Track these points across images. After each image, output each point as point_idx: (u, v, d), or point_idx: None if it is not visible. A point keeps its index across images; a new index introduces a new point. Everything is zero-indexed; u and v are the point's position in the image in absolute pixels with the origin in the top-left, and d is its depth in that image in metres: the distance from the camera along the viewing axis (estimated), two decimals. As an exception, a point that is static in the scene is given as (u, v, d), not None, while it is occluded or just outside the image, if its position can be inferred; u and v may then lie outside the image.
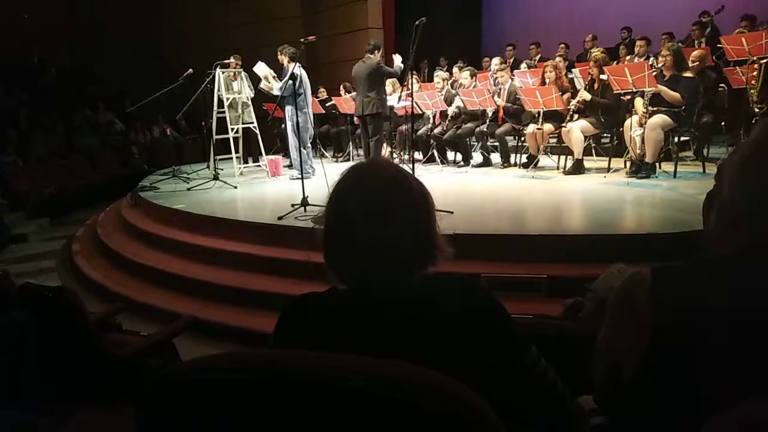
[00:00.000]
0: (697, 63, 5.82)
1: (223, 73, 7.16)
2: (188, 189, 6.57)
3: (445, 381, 0.77)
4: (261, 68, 7.09)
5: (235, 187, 6.51)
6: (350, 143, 8.70)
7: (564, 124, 6.05)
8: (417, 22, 4.64)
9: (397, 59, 6.62)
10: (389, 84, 7.40)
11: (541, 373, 1.03)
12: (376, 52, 6.59)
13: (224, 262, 4.37)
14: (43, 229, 7.50)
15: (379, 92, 6.55)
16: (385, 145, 7.26)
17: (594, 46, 8.86)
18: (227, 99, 7.21)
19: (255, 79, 7.39)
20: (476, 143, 7.50)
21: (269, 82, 7.01)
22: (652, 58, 6.67)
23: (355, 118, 8.24)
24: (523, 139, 6.95)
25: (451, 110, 7.26)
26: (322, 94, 9.24)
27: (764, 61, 5.50)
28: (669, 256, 3.10)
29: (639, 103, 5.50)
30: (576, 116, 6.05)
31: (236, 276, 4.17)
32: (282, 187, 6.41)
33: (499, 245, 3.79)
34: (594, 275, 1.69)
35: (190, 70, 7.08)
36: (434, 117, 7.67)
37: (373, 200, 1.01)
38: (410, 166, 4.84)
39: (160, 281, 4.43)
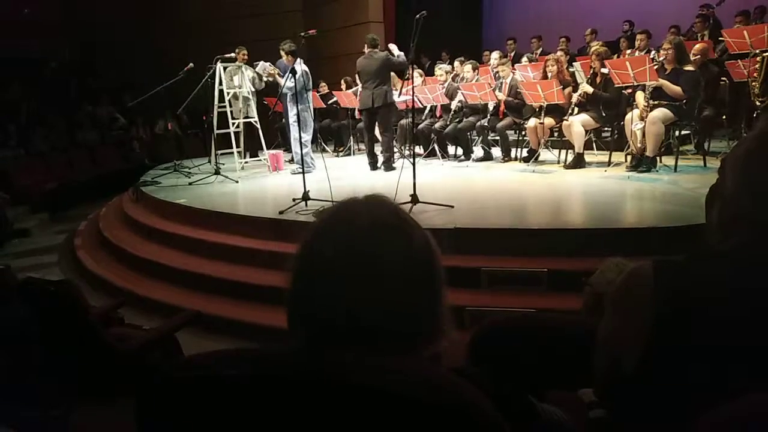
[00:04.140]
0: (699, 56, 5.79)
1: (226, 67, 7.14)
2: (190, 183, 6.58)
3: (448, 378, 0.77)
4: (264, 67, 7.09)
5: (237, 182, 6.51)
6: (351, 138, 8.68)
7: (565, 118, 6.03)
8: (417, 16, 4.62)
9: (395, 49, 6.63)
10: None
11: None
12: (380, 46, 6.60)
13: (226, 256, 4.37)
14: (45, 224, 7.50)
15: (388, 84, 6.56)
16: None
17: (593, 39, 8.81)
18: (228, 93, 7.20)
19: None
20: (477, 137, 7.48)
21: (277, 78, 7.00)
22: (653, 52, 6.64)
23: (357, 112, 8.22)
24: (523, 133, 6.93)
25: (454, 104, 7.23)
26: (323, 88, 9.21)
27: (766, 54, 5.47)
28: (670, 251, 3.10)
29: (640, 97, 5.48)
30: (577, 110, 6.04)
31: (238, 270, 4.17)
32: (283, 182, 6.41)
33: (500, 239, 3.78)
34: (594, 269, 1.69)
35: (191, 64, 7.07)
36: (434, 110, 7.65)
37: (360, 247, 0.79)
38: (411, 160, 4.83)
39: (162, 275, 4.44)
